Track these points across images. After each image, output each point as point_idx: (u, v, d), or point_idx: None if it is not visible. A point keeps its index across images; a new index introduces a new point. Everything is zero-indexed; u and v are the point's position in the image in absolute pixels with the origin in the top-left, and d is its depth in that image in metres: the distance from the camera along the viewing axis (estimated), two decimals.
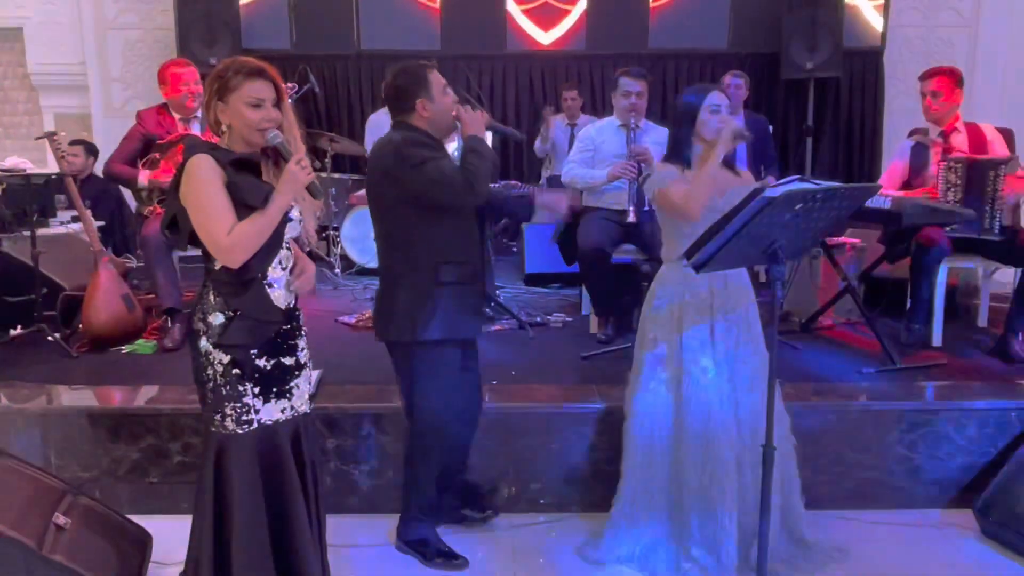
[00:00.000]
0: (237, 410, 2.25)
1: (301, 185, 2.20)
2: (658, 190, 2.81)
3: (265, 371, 2.27)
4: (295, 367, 2.35)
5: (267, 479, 2.30)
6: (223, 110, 2.21)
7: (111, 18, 6.94)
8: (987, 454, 3.30)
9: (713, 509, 2.72)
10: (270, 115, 2.21)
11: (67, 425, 3.27)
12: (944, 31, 7.06)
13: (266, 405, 2.28)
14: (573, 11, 7.10)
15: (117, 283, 4.13)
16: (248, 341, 2.23)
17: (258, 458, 2.28)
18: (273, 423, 2.30)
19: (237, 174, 2.18)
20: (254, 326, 2.23)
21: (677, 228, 2.80)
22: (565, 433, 3.29)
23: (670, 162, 2.86)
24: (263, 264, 2.23)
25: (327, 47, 7.00)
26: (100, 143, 6.75)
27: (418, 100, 2.69)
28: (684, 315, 2.78)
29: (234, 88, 2.18)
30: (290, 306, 2.33)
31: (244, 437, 2.26)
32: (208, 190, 2.14)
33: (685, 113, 2.81)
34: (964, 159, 3.85)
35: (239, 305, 2.22)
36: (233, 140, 2.24)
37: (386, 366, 3.62)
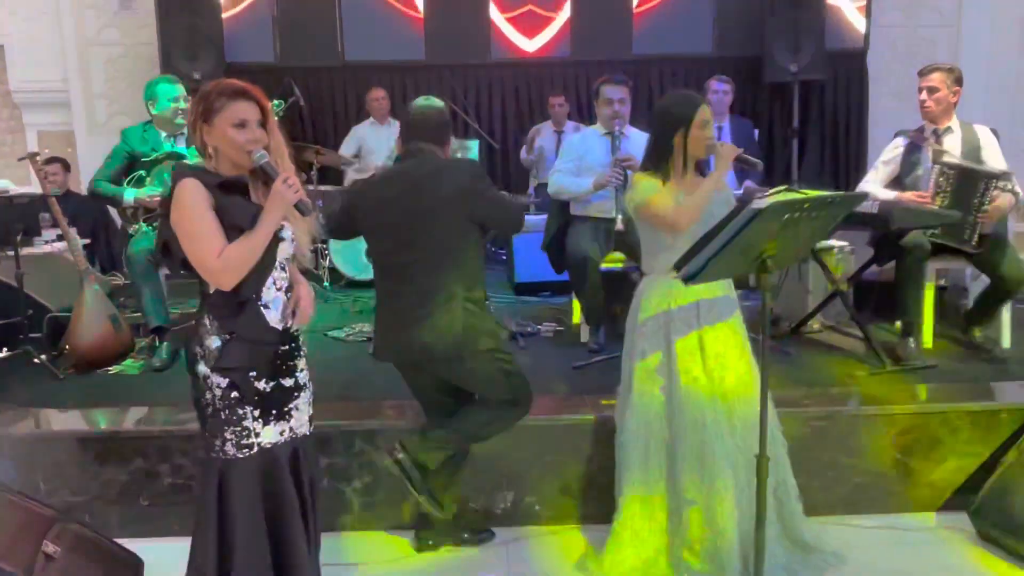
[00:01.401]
0: (237, 434, 2.23)
1: (288, 204, 2.19)
2: (641, 203, 2.78)
3: (265, 393, 2.25)
4: (295, 388, 2.33)
5: (266, 501, 2.28)
6: (208, 132, 2.20)
7: (93, 34, 6.90)
8: (980, 456, 3.31)
9: (712, 519, 2.72)
10: (255, 135, 2.20)
11: (55, 449, 3.24)
12: (926, 31, 7.10)
13: (266, 428, 2.27)
14: (557, 18, 7.11)
15: (103, 303, 4.09)
16: (245, 363, 2.21)
17: (259, 481, 2.27)
18: (272, 446, 2.28)
19: (224, 196, 2.16)
20: (251, 348, 2.22)
21: (659, 240, 2.79)
22: (559, 445, 3.28)
23: (649, 170, 2.82)
24: (256, 285, 2.22)
25: (311, 59, 6.99)
26: (84, 160, 6.74)
27: (448, 141, 2.99)
28: (671, 326, 2.77)
29: (218, 110, 2.18)
30: (287, 327, 2.31)
31: (245, 462, 2.24)
32: (195, 214, 2.13)
33: (672, 123, 2.76)
34: (958, 166, 3.85)
35: (235, 327, 2.20)
36: (221, 162, 2.22)
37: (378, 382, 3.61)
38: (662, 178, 2.78)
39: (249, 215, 2.17)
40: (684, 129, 2.74)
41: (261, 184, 2.29)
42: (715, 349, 2.77)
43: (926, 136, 4.05)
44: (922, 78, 4.03)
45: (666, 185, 2.77)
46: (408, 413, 3.35)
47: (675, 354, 2.76)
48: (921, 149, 4.04)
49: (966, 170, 3.82)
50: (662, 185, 2.76)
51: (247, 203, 2.21)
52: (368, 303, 5.40)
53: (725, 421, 2.76)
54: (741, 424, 2.76)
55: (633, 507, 2.81)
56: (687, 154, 2.77)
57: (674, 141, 2.76)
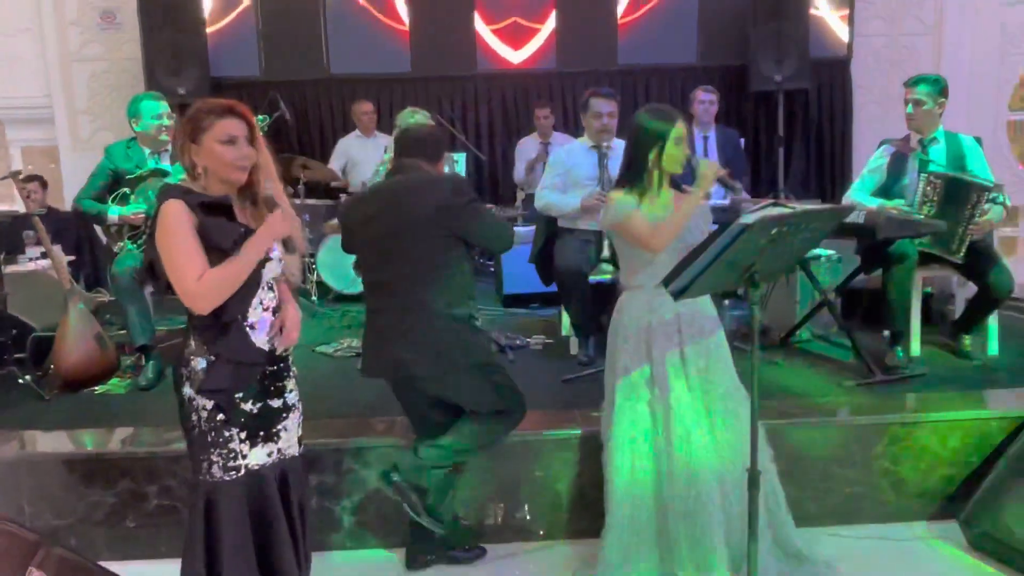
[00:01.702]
0: (224, 456, 2.21)
1: (277, 236, 2.18)
2: (617, 223, 2.78)
3: (252, 415, 2.23)
4: (283, 409, 2.31)
5: (255, 523, 2.26)
6: (197, 152, 2.18)
7: (76, 49, 6.87)
8: (970, 465, 3.31)
9: (702, 533, 2.70)
10: (244, 152, 2.19)
11: (40, 471, 3.20)
12: (908, 39, 7.15)
13: (254, 449, 2.25)
14: (542, 30, 7.12)
15: (88, 322, 4.06)
16: (230, 385, 2.19)
17: (247, 503, 2.24)
18: (260, 467, 2.26)
19: (208, 217, 2.15)
20: (236, 369, 2.19)
21: (639, 256, 2.78)
22: (549, 459, 3.27)
23: (625, 186, 2.80)
24: (241, 307, 2.20)
25: (297, 73, 6.97)
26: (68, 176, 6.70)
27: (446, 154, 3.01)
28: (653, 341, 2.76)
29: (206, 128, 2.16)
30: (273, 347, 2.28)
31: (232, 485, 2.22)
32: (177, 235, 2.11)
33: (650, 139, 2.74)
34: (944, 176, 3.86)
35: (219, 349, 2.18)
36: (209, 182, 2.20)
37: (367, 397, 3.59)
38: (638, 194, 2.76)
39: (232, 237, 2.15)
40: (660, 145, 2.73)
41: (249, 204, 2.27)
42: (698, 364, 2.77)
43: (912, 145, 4.07)
44: (908, 89, 4.05)
45: (643, 201, 2.76)
46: (397, 429, 3.33)
47: (657, 369, 2.76)
48: (907, 158, 4.06)
49: (954, 180, 3.83)
50: (639, 200, 2.75)
51: (231, 224, 2.19)
52: (357, 318, 5.38)
53: (710, 436, 2.75)
54: (726, 437, 2.76)
55: (621, 523, 2.80)
56: (662, 170, 2.76)
57: (650, 157, 2.74)
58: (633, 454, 2.79)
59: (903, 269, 3.90)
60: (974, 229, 3.80)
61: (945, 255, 3.87)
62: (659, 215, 2.73)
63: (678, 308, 2.75)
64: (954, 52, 7.02)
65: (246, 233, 2.20)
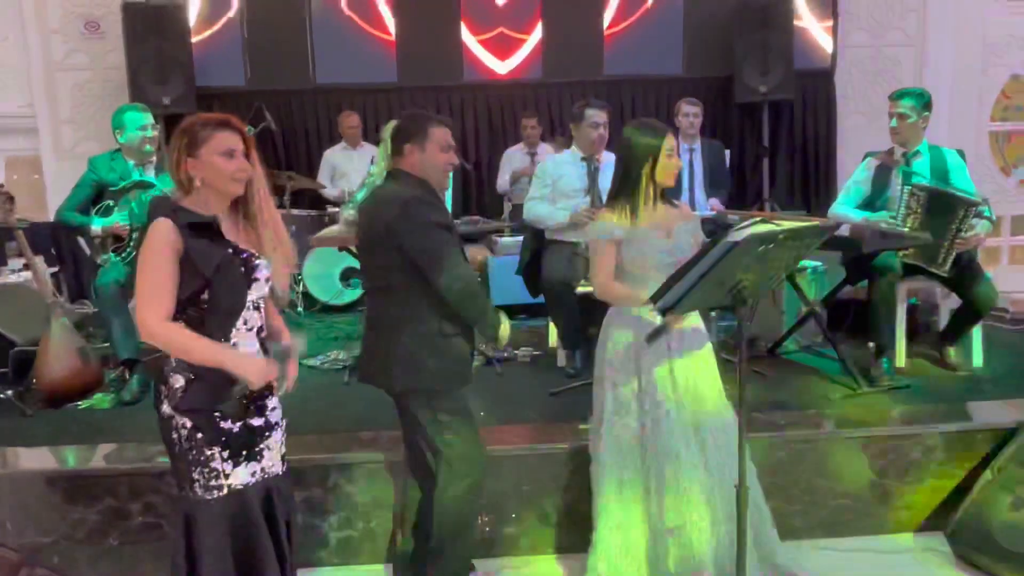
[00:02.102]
0: (205, 475, 2.19)
1: (250, 380, 2.14)
2: (591, 245, 2.86)
3: (232, 434, 2.21)
4: (265, 428, 2.29)
5: (238, 544, 2.24)
6: (194, 165, 2.17)
7: (60, 59, 6.81)
8: (956, 476, 3.33)
9: (689, 548, 2.70)
10: (243, 164, 2.19)
11: (22, 488, 3.16)
12: (891, 50, 7.20)
13: (236, 469, 2.22)
14: (529, 40, 7.13)
15: (71, 335, 4.02)
16: (207, 405, 2.17)
17: (228, 523, 2.22)
18: (244, 487, 2.24)
19: (194, 238, 2.13)
20: (214, 389, 2.17)
21: (626, 271, 2.79)
22: (537, 474, 3.26)
23: (616, 203, 2.81)
24: (221, 329, 2.19)
25: (282, 83, 6.94)
26: (51, 186, 6.63)
27: (407, 144, 2.69)
28: (641, 356, 2.77)
29: (204, 140, 2.16)
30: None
31: (213, 504, 2.20)
32: (156, 263, 2.11)
33: (643, 154, 2.74)
34: (928, 188, 3.89)
35: (198, 369, 2.16)
36: (205, 195, 2.19)
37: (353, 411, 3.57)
38: (630, 213, 2.76)
39: (215, 262, 2.13)
40: (652, 160, 2.74)
41: (242, 218, 2.26)
42: (686, 380, 2.77)
43: (896, 158, 4.10)
44: (892, 103, 4.08)
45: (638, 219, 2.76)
46: (384, 443, 3.32)
47: (646, 385, 2.76)
48: (891, 171, 4.09)
49: (938, 193, 3.86)
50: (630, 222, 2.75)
51: (214, 247, 2.16)
52: (344, 329, 5.35)
53: (699, 452, 2.75)
54: (714, 452, 2.76)
55: (609, 540, 2.79)
56: (656, 184, 2.77)
57: (643, 172, 2.75)
58: (622, 470, 2.78)
59: (887, 281, 3.92)
60: (960, 244, 3.82)
61: (931, 268, 3.90)
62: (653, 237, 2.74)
63: None
64: (937, 63, 7.08)
65: (233, 254, 2.19)
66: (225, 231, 2.22)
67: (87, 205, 4.09)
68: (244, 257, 2.22)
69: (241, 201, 2.25)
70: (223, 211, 2.24)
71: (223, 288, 2.17)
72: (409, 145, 2.69)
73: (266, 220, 2.26)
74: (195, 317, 2.18)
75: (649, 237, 2.75)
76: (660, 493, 2.73)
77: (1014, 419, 3.38)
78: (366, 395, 3.99)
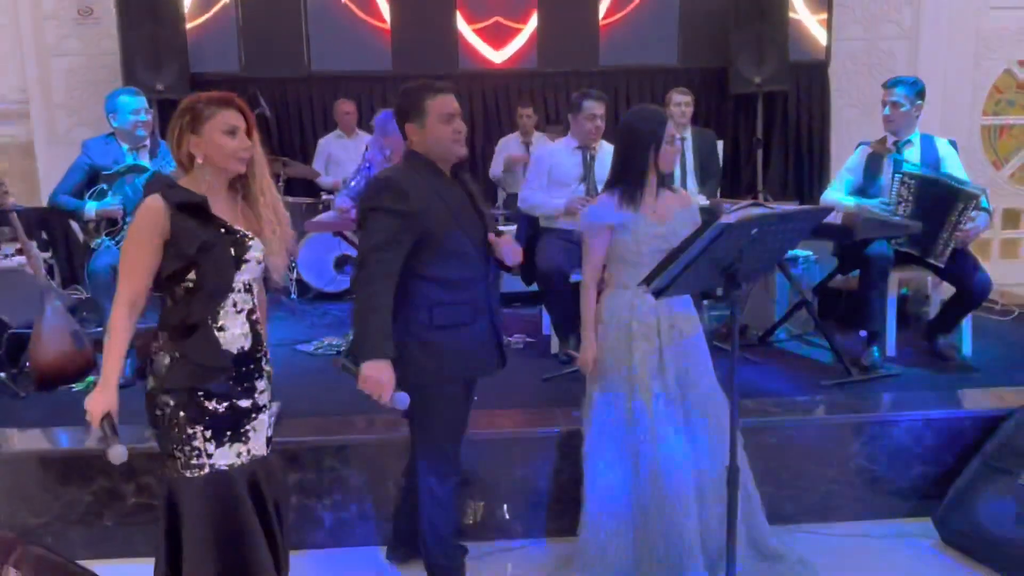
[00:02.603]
0: (186, 453, 2.19)
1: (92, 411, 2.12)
2: (585, 228, 2.84)
3: (217, 414, 2.21)
4: (252, 410, 2.28)
5: (223, 525, 2.23)
6: (196, 143, 2.16)
7: (53, 44, 6.77)
8: (944, 463, 3.36)
9: (678, 534, 2.72)
10: (246, 143, 2.19)
11: (16, 470, 3.17)
12: (886, 43, 7.22)
13: (219, 449, 2.22)
14: (524, 30, 7.12)
15: (65, 318, 4.02)
16: (190, 385, 2.17)
17: (211, 504, 2.21)
18: (228, 468, 2.23)
19: (181, 218, 2.13)
20: (198, 370, 2.17)
21: (618, 255, 2.80)
22: (529, 458, 3.28)
23: (615, 188, 2.81)
24: (205, 311, 2.18)
25: (277, 70, 6.92)
26: (44, 171, 6.60)
27: (407, 124, 2.60)
28: (632, 341, 2.78)
29: (208, 118, 2.15)
30: (244, 349, 2.25)
31: (194, 482, 2.20)
32: (135, 242, 2.14)
33: (645, 140, 2.74)
34: (918, 175, 3.91)
35: (184, 349, 2.17)
36: (205, 172, 2.18)
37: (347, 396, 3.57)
38: (630, 199, 2.75)
39: (197, 243, 2.13)
40: (655, 145, 2.74)
41: (242, 199, 2.25)
42: (677, 365, 2.79)
43: (888, 147, 4.12)
44: (885, 91, 4.10)
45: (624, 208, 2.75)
46: (378, 426, 3.33)
47: (636, 369, 2.78)
48: (882, 159, 4.11)
49: (928, 180, 3.88)
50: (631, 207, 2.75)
51: (202, 226, 2.15)
52: (337, 316, 5.36)
53: (687, 436, 2.78)
54: (704, 439, 2.79)
55: (598, 521, 2.82)
56: (658, 170, 2.78)
57: (645, 158, 2.75)
58: (610, 453, 2.81)
59: (879, 270, 3.94)
60: (960, 235, 3.84)
61: (929, 259, 3.91)
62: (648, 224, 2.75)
63: (658, 309, 2.77)
64: (930, 57, 7.10)
65: (225, 234, 2.18)
66: (222, 211, 2.21)
67: (81, 189, 4.08)
68: (236, 237, 2.21)
69: (242, 181, 2.25)
70: (223, 191, 2.24)
71: (208, 268, 2.16)
72: (409, 125, 2.59)
73: (267, 202, 2.26)
74: (181, 296, 2.18)
75: (643, 223, 2.76)
76: (647, 476, 2.75)
77: (1002, 407, 3.41)
78: None
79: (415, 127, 2.58)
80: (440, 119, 2.56)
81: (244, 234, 2.23)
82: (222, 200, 2.23)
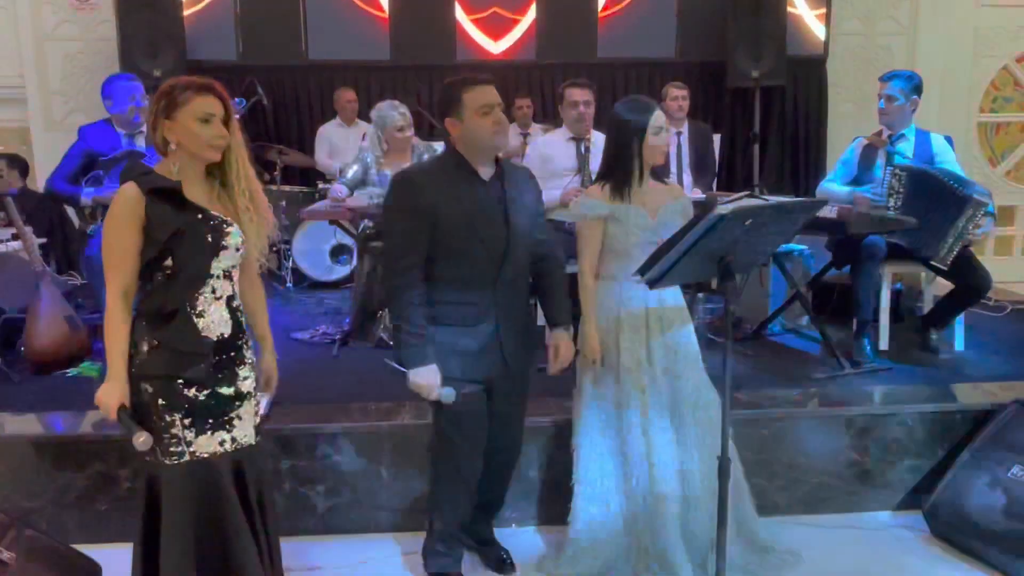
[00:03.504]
0: (165, 440, 2.17)
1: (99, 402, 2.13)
2: (577, 222, 2.85)
3: (198, 402, 2.19)
4: (235, 397, 2.26)
5: (205, 514, 2.22)
6: (170, 128, 2.14)
7: (50, 29, 6.75)
8: (934, 456, 3.39)
9: (664, 525, 2.74)
10: (221, 131, 2.16)
11: (10, 454, 3.17)
12: (883, 38, 7.23)
13: (200, 438, 2.20)
14: (522, 21, 7.11)
15: (60, 304, 4.02)
16: (167, 372, 2.16)
17: (191, 491, 2.20)
18: (209, 456, 2.21)
19: (156, 204, 2.12)
20: (176, 357, 2.16)
21: (609, 247, 2.81)
22: (523, 447, 3.28)
23: (605, 181, 2.82)
24: (182, 298, 2.17)
25: (274, 58, 6.90)
26: (40, 157, 6.58)
27: (447, 119, 2.59)
28: (620, 333, 2.80)
29: (182, 104, 2.13)
30: (224, 336, 2.23)
31: (173, 469, 2.18)
32: (115, 232, 2.13)
33: (629, 131, 2.75)
34: (909, 168, 3.93)
35: (161, 336, 2.16)
36: (179, 159, 2.17)
37: (342, 384, 3.59)
38: (618, 191, 2.77)
39: (170, 230, 2.11)
40: (640, 136, 2.74)
41: (218, 185, 2.24)
42: (665, 358, 2.81)
43: (883, 139, 4.14)
44: (882, 84, 4.12)
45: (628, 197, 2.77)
46: (373, 414, 3.35)
47: (624, 361, 2.79)
48: (877, 151, 4.13)
49: (919, 173, 3.90)
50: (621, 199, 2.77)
51: (175, 212, 2.14)
52: (332, 304, 5.37)
53: (674, 427, 2.79)
54: (693, 430, 2.80)
55: (588, 510, 2.84)
56: (643, 161, 2.77)
57: (631, 150, 2.75)
58: (599, 442, 2.83)
59: (869, 258, 3.96)
60: (967, 239, 3.84)
61: (935, 261, 3.90)
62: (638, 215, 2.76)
63: (647, 301, 2.78)
64: (928, 53, 7.11)
65: (201, 220, 2.16)
66: (198, 197, 2.19)
67: (77, 175, 4.08)
68: (213, 224, 2.19)
69: (218, 168, 2.23)
70: (199, 177, 2.22)
71: (183, 254, 2.14)
72: (449, 119, 2.57)
73: (243, 189, 2.24)
74: (159, 282, 2.17)
75: (633, 215, 2.76)
76: (634, 465, 2.77)
77: (992, 401, 3.43)
78: (355, 368, 4.05)
79: (454, 121, 2.57)
80: (478, 111, 2.53)
81: (222, 220, 2.21)
82: (198, 185, 2.21)
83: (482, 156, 2.60)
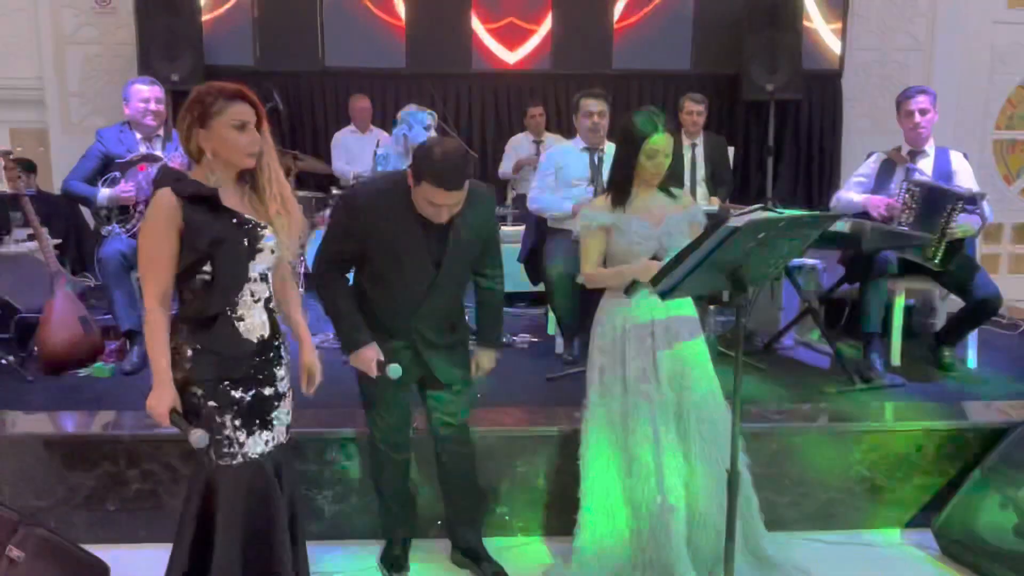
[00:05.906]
0: (218, 443, 2.20)
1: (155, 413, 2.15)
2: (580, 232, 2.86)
3: (244, 403, 2.23)
4: (275, 398, 2.30)
5: (255, 514, 2.25)
6: (205, 137, 2.16)
7: (70, 32, 6.83)
8: (945, 474, 3.36)
9: (668, 535, 2.73)
10: (256, 138, 2.18)
11: (21, 452, 3.19)
12: (899, 54, 7.22)
13: (250, 438, 2.24)
14: (538, 31, 7.15)
15: (74, 304, 4.05)
16: (216, 375, 2.19)
17: (246, 492, 2.23)
18: (259, 456, 2.26)
19: (193, 210, 2.13)
20: (221, 361, 2.19)
21: (612, 256, 2.81)
22: (530, 456, 3.29)
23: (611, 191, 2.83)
24: (223, 302, 2.20)
25: (291, 64, 6.96)
26: (57, 159, 6.66)
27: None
28: (627, 344, 2.80)
29: (216, 112, 2.14)
30: (263, 337, 2.27)
31: (228, 471, 2.22)
32: (153, 238, 2.14)
33: (630, 144, 2.74)
34: (923, 183, 3.91)
35: (204, 341, 2.19)
36: (214, 166, 2.18)
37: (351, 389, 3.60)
38: (620, 200, 2.78)
39: (209, 237, 2.13)
40: (635, 152, 2.73)
41: (249, 189, 2.26)
42: (672, 369, 2.79)
43: (903, 155, 4.13)
44: (911, 100, 4.08)
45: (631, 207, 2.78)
46: None
47: (630, 373, 2.79)
48: (895, 166, 4.12)
49: (933, 188, 3.88)
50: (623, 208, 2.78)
51: (214, 218, 2.16)
52: None
53: (680, 439, 2.78)
54: (699, 442, 2.79)
55: (594, 520, 2.83)
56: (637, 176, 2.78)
57: (633, 159, 2.74)
58: (605, 452, 2.83)
59: (879, 271, 3.95)
60: (951, 236, 3.84)
61: (922, 261, 3.91)
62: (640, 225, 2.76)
63: (653, 313, 2.78)
64: (944, 69, 7.10)
65: (237, 225, 2.19)
66: (232, 202, 2.22)
67: (93, 177, 4.10)
68: (247, 228, 2.21)
69: (249, 173, 2.24)
70: (231, 181, 2.24)
71: (223, 260, 2.17)
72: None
73: (274, 193, 2.26)
74: (198, 288, 2.19)
75: (635, 225, 2.76)
76: (640, 477, 2.76)
77: (1005, 420, 3.41)
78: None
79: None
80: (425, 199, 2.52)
81: (256, 224, 2.23)
82: (231, 190, 2.23)
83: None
